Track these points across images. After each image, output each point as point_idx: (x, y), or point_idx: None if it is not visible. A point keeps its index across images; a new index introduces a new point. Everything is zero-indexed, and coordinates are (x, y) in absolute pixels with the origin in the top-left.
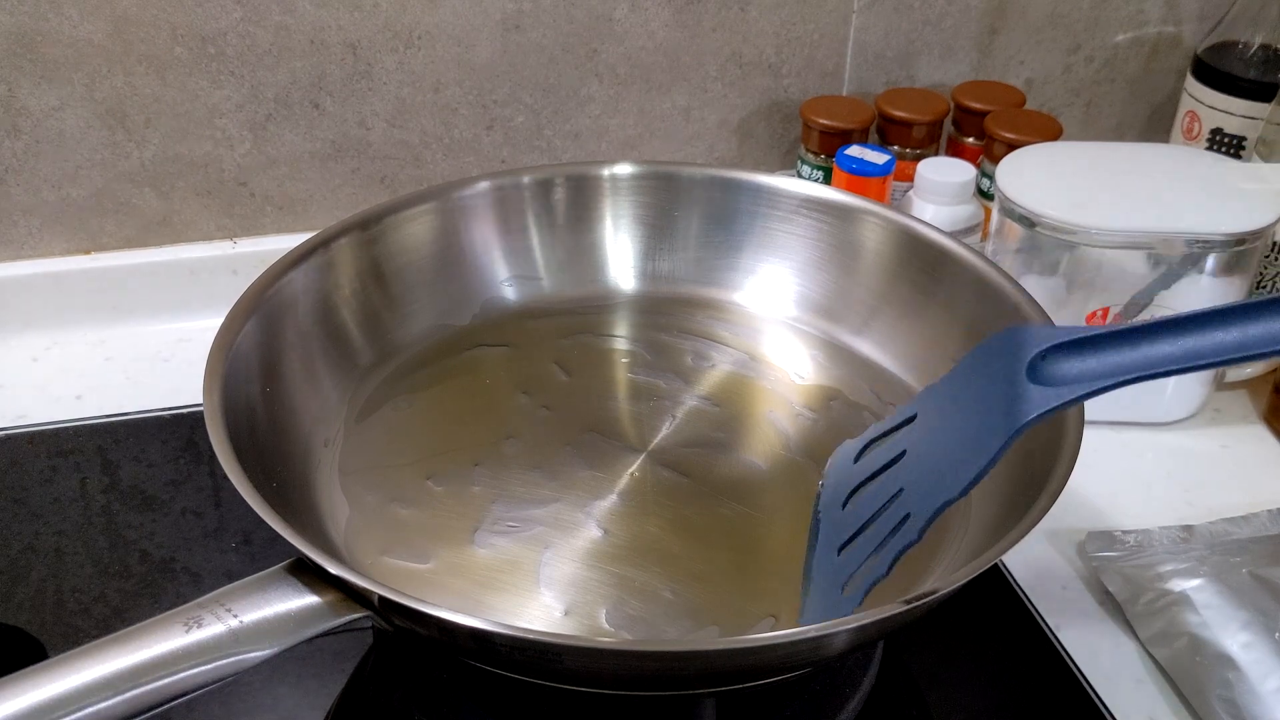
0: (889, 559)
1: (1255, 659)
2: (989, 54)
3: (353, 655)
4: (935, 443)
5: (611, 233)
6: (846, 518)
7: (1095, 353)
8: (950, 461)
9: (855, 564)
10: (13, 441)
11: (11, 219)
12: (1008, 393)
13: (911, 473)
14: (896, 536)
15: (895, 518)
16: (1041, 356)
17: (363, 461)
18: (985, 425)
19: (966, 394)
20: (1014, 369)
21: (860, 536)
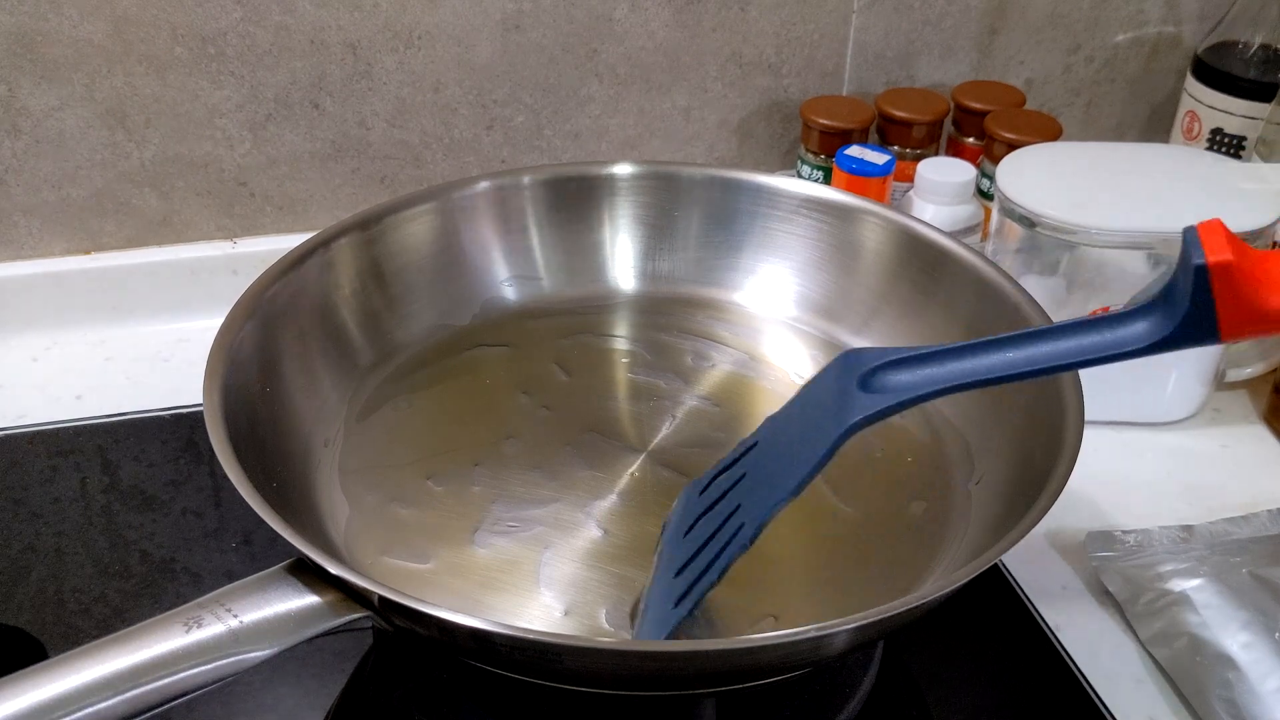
0: (721, 566)
1: (1255, 659)
2: (989, 54)
3: (353, 655)
4: (772, 458)
5: (611, 233)
6: (687, 544)
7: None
8: (783, 470)
9: (691, 579)
10: (13, 441)
11: (11, 219)
12: (839, 403)
13: (747, 490)
14: (730, 546)
15: (731, 530)
16: (870, 373)
17: (363, 461)
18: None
19: (803, 413)
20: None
21: (698, 556)
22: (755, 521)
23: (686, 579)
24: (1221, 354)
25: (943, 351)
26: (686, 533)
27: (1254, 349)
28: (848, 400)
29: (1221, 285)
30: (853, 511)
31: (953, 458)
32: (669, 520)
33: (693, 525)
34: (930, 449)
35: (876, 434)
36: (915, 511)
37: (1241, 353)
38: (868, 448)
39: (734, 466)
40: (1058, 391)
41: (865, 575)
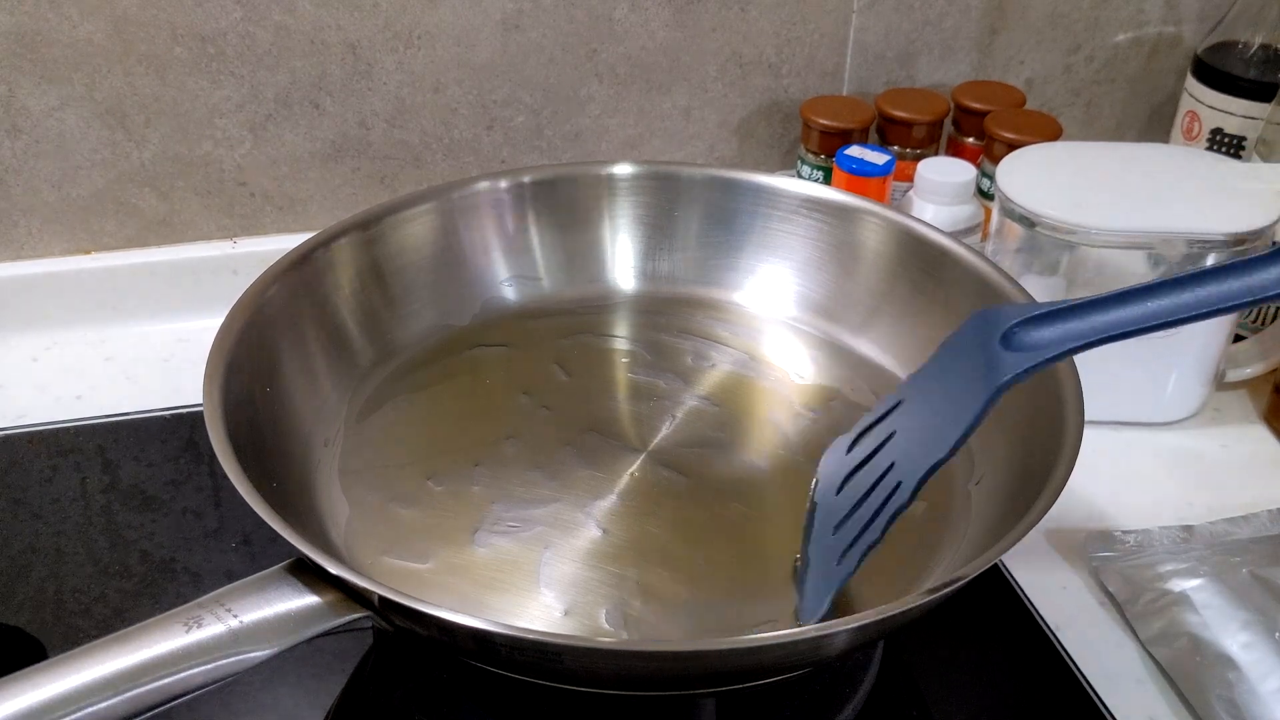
0: (882, 524)
1: (1255, 659)
2: (989, 54)
3: (353, 655)
4: (922, 418)
5: (611, 233)
6: (841, 501)
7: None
8: (936, 429)
9: (851, 536)
10: (13, 441)
11: (11, 219)
12: (985, 362)
13: (900, 448)
14: (889, 503)
15: (888, 488)
16: (1011, 330)
17: (363, 461)
18: (967, 392)
19: (947, 372)
20: (989, 343)
21: (855, 512)
22: (914, 477)
23: (846, 536)
24: (1221, 354)
25: (1082, 305)
26: (839, 490)
27: (1254, 349)
28: (995, 359)
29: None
30: None
31: None
32: (817, 478)
33: (844, 482)
34: None
35: None
36: (915, 511)
37: (1241, 352)
38: None
39: (880, 424)
40: (1058, 391)
41: (865, 575)
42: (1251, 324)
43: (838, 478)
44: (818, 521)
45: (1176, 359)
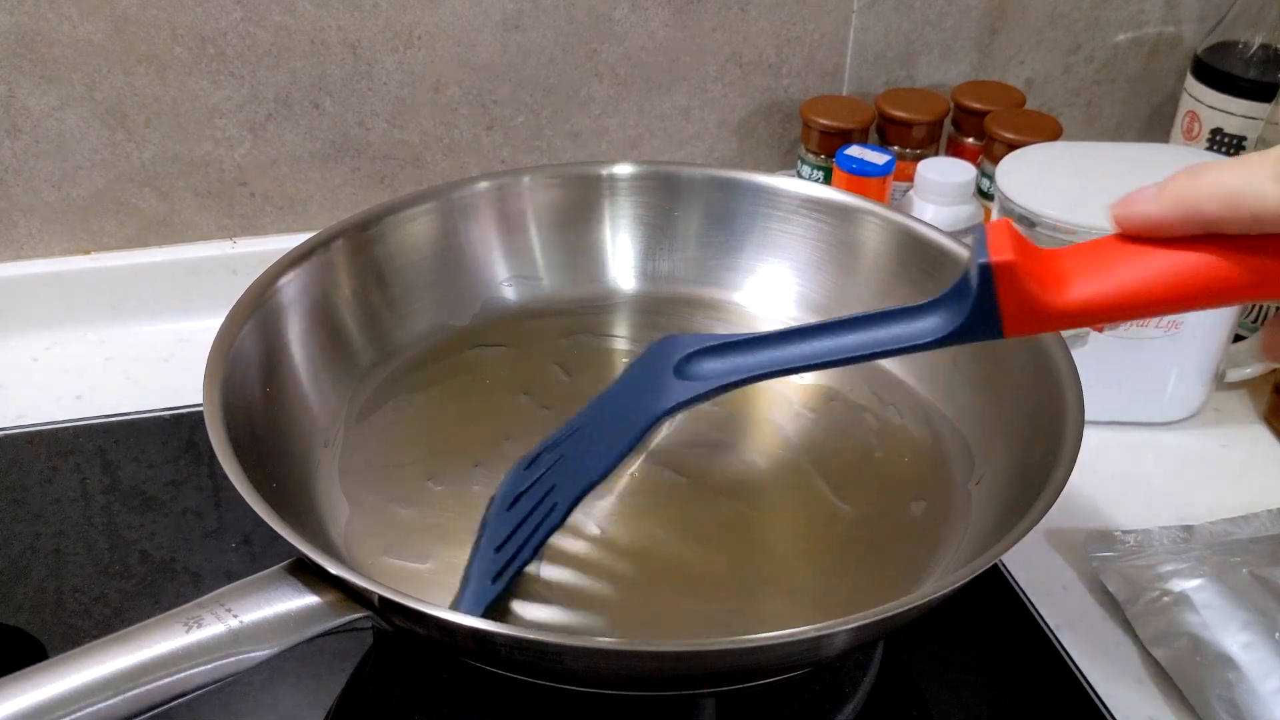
0: (534, 547)
1: (1255, 659)
2: (989, 54)
3: (353, 655)
4: (588, 441)
5: (611, 233)
6: (509, 519)
7: (728, 355)
8: (597, 453)
9: (508, 556)
10: (13, 441)
11: (11, 219)
12: (654, 388)
13: (564, 470)
14: (542, 527)
15: (545, 510)
16: (686, 360)
17: (363, 461)
18: (631, 417)
19: (623, 396)
20: (663, 369)
21: (516, 532)
22: (564, 505)
23: (504, 555)
24: (1222, 354)
25: (752, 340)
26: (510, 507)
27: (1254, 349)
28: (662, 386)
29: (1004, 283)
30: (853, 511)
31: (953, 458)
32: (496, 494)
33: (515, 500)
34: (930, 449)
35: (876, 434)
36: (915, 511)
37: (1241, 352)
38: (867, 447)
39: (557, 446)
40: (1058, 391)
41: (865, 575)
42: (1252, 324)
43: (511, 495)
44: (484, 537)
45: (1176, 359)
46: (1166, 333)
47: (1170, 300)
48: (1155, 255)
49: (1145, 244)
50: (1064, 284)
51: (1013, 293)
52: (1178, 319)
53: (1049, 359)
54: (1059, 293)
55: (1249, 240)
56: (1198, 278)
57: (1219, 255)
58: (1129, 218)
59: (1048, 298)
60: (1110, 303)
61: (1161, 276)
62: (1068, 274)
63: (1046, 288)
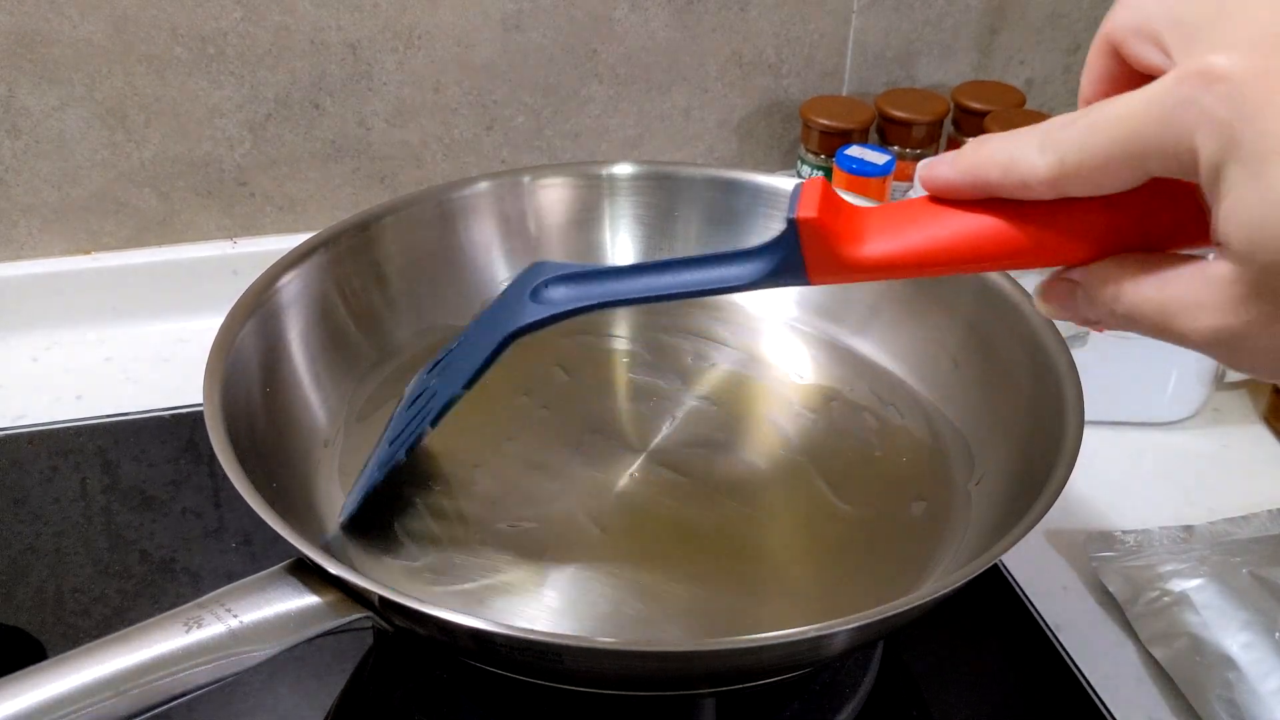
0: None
1: (1255, 659)
2: (989, 54)
3: (353, 655)
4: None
5: (611, 233)
6: (404, 416)
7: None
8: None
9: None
10: (13, 441)
11: (11, 219)
12: (511, 310)
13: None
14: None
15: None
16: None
17: (363, 461)
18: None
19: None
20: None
21: (403, 430)
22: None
23: (394, 448)
24: None
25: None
26: (408, 407)
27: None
28: (518, 308)
29: (808, 236)
30: (853, 511)
31: (953, 458)
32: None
33: (413, 401)
34: (930, 449)
35: (876, 434)
36: (915, 511)
37: None
38: (867, 447)
39: (447, 355)
40: (1058, 392)
41: (865, 575)
42: None
43: (411, 397)
44: (386, 431)
45: (1176, 359)
46: None
47: (957, 258)
48: (949, 216)
49: (944, 205)
50: (863, 239)
51: (815, 245)
52: None
53: (1049, 359)
54: (857, 247)
55: (1029, 206)
56: (982, 238)
57: (1003, 219)
58: (929, 179)
59: (846, 251)
60: (902, 258)
61: (950, 235)
62: (869, 231)
63: (846, 242)
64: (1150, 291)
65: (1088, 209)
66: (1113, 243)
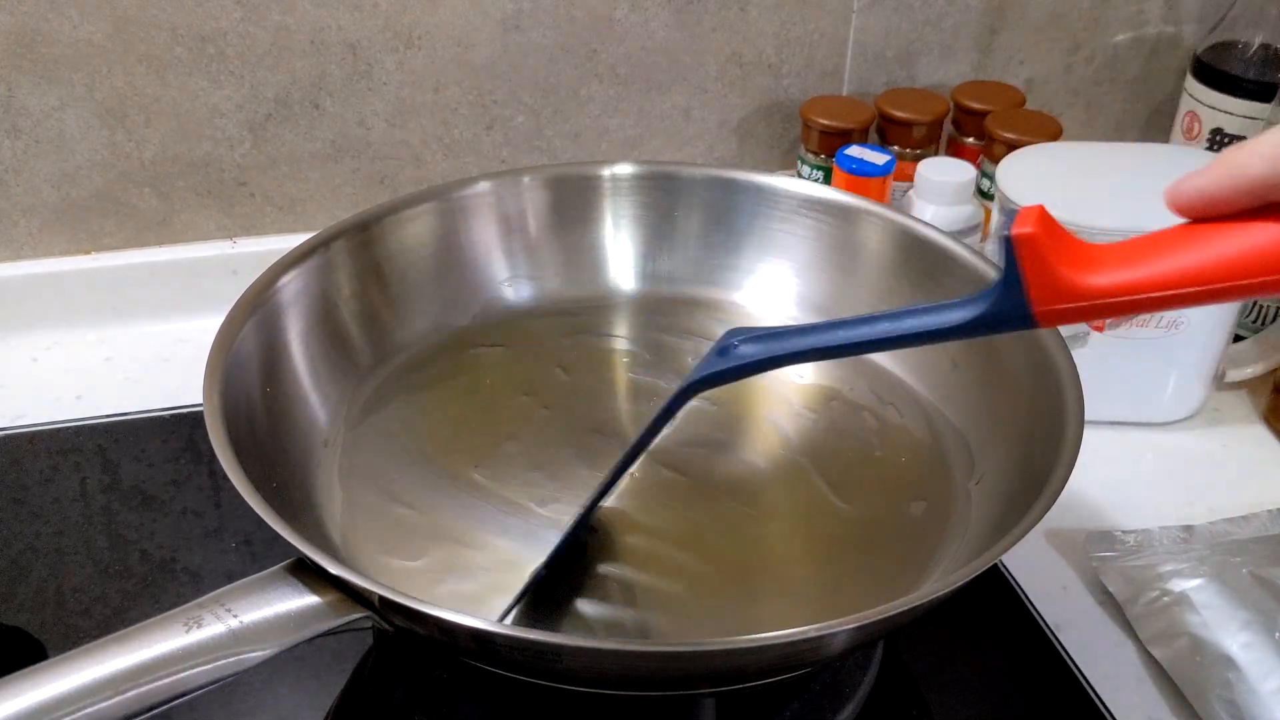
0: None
1: (1255, 659)
2: (989, 54)
3: (353, 655)
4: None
5: (611, 233)
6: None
7: (766, 340)
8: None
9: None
10: (13, 441)
11: (11, 219)
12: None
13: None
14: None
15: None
16: (735, 344)
17: (363, 461)
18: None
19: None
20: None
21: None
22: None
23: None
24: (1222, 354)
25: (793, 330)
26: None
27: (1254, 349)
28: (703, 363)
29: (1028, 258)
30: (853, 511)
31: (953, 458)
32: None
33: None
34: (930, 449)
35: (876, 434)
36: (915, 511)
37: (1241, 352)
38: (867, 447)
39: None
40: (1058, 392)
41: (865, 575)
42: (1252, 324)
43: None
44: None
45: (1176, 359)
46: (1166, 333)
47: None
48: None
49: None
50: (1096, 266)
51: (1038, 269)
52: (1177, 319)
53: (1049, 359)
54: (1088, 272)
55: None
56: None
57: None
58: (1179, 193)
59: (1074, 275)
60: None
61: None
62: (1104, 259)
63: (1075, 267)
64: None
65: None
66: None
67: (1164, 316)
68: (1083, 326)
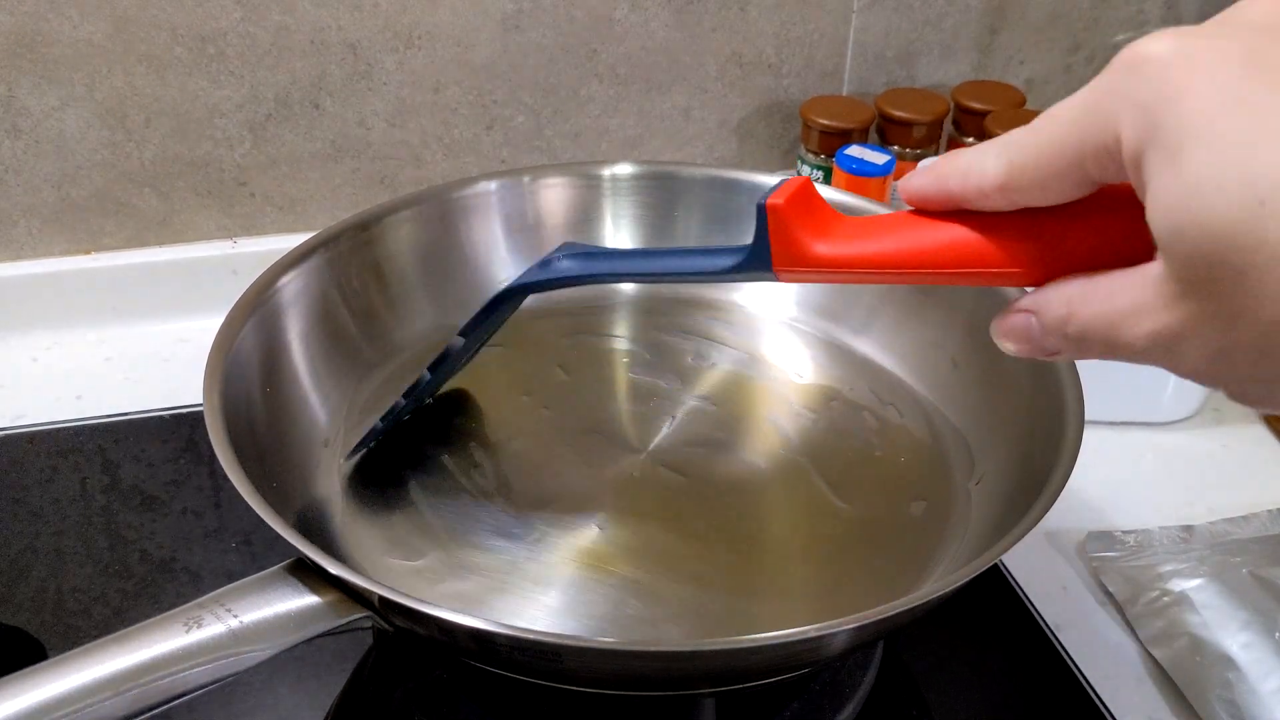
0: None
1: (1255, 659)
2: (989, 54)
3: (353, 655)
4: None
5: (611, 233)
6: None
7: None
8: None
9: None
10: (13, 441)
11: (11, 219)
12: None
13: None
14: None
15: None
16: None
17: (363, 461)
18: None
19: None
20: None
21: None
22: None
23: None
24: None
25: (605, 253)
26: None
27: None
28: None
29: (775, 225)
30: (853, 511)
31: (953, 458)
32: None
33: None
34: (930, 449)
35: (876, 434)
36: (915, 511)
37: None
38: (867, 447)
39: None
40: (1058, 392)
41: (865, 575)
42: None
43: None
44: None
45: None
46: None
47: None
48: (915, 225)
49: (918, 216)
50: (829, 239)
51: (781, 233)
52: None
53: None
54: (821, 244)
55: (989, 219)
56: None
57: (962, 231)
58: (905, 186)
59: (809, 246)
60: (859, 260)
61: (911, 244)
62: (838, 232)
63: (812, 237)
64: (1097, 305)
65: (1042, 222)
66: (1064, 260)
67: None
68: None
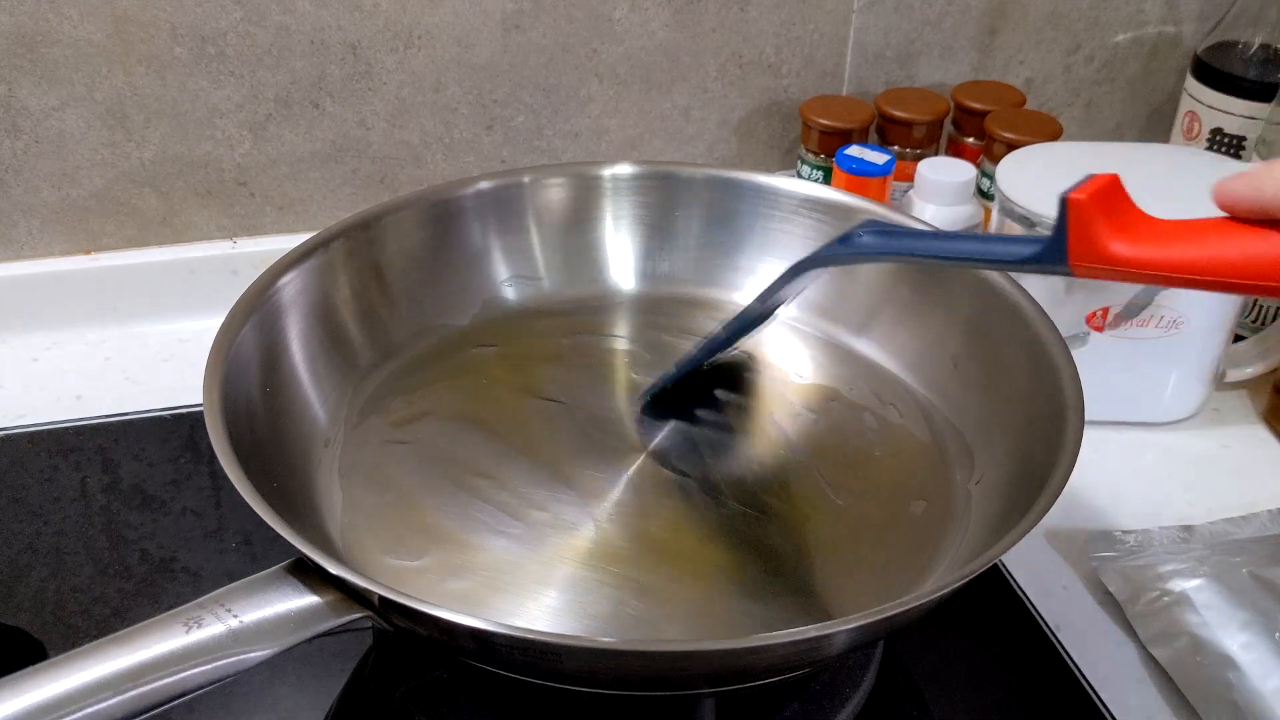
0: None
1: (1255, 659)
2: (989, 54)
3: (353, 655)
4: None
5: (611, 233)
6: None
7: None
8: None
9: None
10: (13, 441)
11: (11, 219)
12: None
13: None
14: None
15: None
16: (858, 233)
17: (363, 461)
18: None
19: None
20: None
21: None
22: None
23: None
24: (1221, 354)
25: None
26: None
27: (1254, 349)
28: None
29: (1075, 220)
30: (853, 511)
31: (953, 458)
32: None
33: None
34: (930, 449)
35: (876, 434)
36: (915, 511)
37: (1241, 352)
38: (867, 447)
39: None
40: (1058, 392)
41: (865, 575)
42: (1252, 324)
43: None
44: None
45: (1176, 359)
46: (1166, 332)
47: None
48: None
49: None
50: (1137, 239)
51: (1080, 229)
52: (1178, 319)
53: (1049, 359)
54: (1123, 243)
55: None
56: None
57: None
58: (1219, 189)
59: (1109, 241)
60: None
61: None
62: (1148, 234)
63: (1116, 236)
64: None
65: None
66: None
67: (1164, 316)
68: (1083, 326)
